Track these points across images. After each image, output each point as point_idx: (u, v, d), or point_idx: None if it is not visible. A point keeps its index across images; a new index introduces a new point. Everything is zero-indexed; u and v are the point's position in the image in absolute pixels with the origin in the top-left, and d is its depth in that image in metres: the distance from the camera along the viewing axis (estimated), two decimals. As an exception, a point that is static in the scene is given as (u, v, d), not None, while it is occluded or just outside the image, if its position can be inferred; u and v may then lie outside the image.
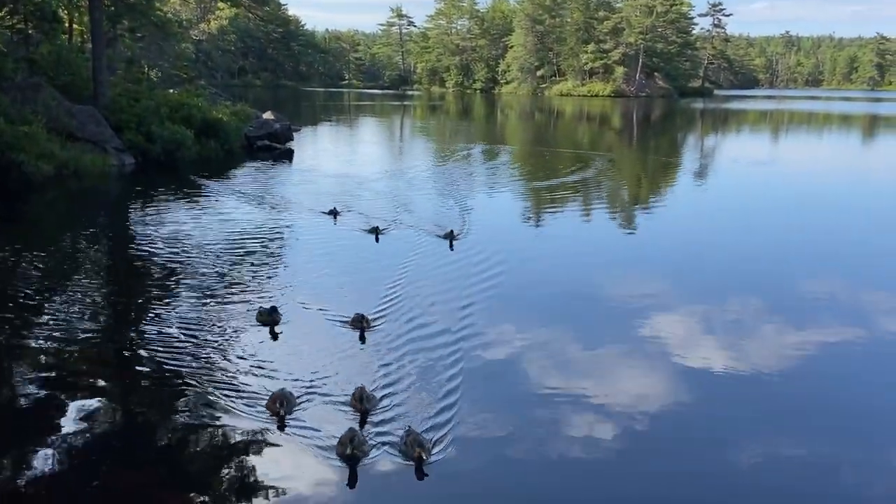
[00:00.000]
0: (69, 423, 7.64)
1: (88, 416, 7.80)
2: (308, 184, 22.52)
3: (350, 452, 6.77)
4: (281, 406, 7.57)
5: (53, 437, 7.34)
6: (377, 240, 14.90)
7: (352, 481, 6.55)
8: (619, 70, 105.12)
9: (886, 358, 10.04)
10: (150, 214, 17.90)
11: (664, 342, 10.19)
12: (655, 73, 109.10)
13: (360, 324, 9.78)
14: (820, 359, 9.93)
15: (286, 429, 7.48)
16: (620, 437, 7.62)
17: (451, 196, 20.56)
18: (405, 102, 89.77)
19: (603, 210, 20.60)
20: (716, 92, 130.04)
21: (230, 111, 32.52)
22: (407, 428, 7.26)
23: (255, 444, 7.34)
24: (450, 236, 14.84)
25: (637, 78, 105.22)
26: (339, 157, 32.08)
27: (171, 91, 32.74)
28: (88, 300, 11.40)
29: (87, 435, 7.47)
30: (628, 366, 9.49)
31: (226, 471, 6.93)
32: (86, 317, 10.68)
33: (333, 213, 17.20)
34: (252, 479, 6.83)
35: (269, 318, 10.19)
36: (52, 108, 23.31)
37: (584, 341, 10.23)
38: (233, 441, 7.38)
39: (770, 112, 79.95)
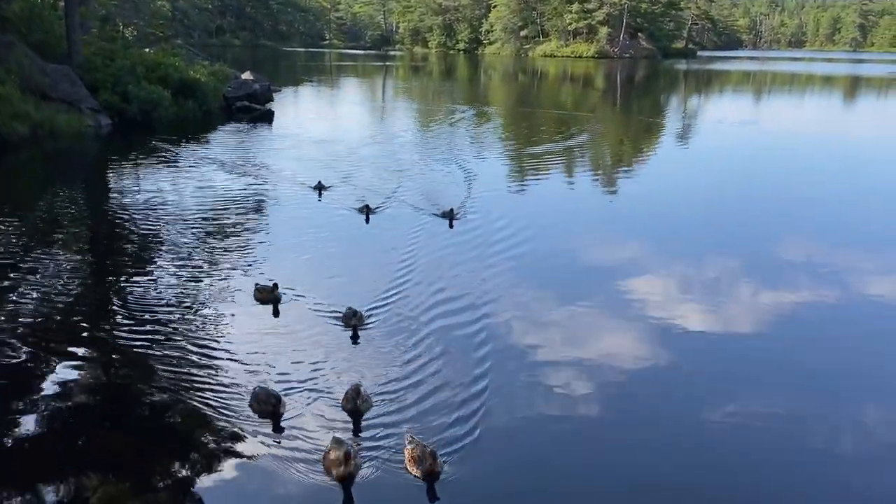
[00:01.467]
0: (49, 387, 7.61)
1: (68, 379, 7.77)
2: (290, 149, 21.93)
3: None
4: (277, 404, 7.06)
5: (33, 401, 7.32)
6: (367, 220, 13.94)
7: None
8: (603, 31, 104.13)
9: (861, 317, 10.22)
10: (128, 177, 17.67)
11: (646, 303, 10.32)
12: (639, 34, 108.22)
13: (352, 321, 8.88)
14: (797, 318, 10.08)
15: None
16: (597, 397, 7.73)
17: (441, 164, 19.79)
18: (387, 63, 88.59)
19: (588, 173, 20.57)
20: (699, 53, 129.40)
21: (208, 71, 31.89)
22: (411, 437, 6.47)
23: (237, 406, 7.38)
24: (449, 215, 13.96)
25: (621, 39, 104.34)
26: (321, 120, 31.67)
27: (147, 50, 32.02)
28: (66, 263, 11.27)
29: (67, 398, 7.44)
30: (609, 327, 9.59)
31: (206, 433, 6.95)
32: (63, 280, 10.57)
33: (319, 187, 16.10)
34: (231, 439, 6.87)
35: (272, 295, 9.67)
36: (25, 67, 22.73)
37: (571, 303, 10.31)
38: (213, 402, 7.40)
39: (753, 73, 79.81)
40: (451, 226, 13.67)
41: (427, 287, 10.31)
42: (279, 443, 6.74)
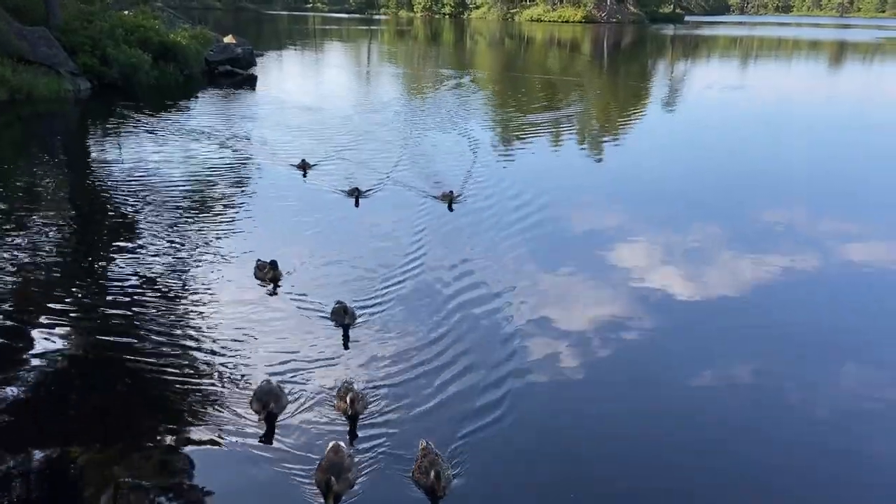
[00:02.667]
0: (31, 355, 7.58)
1: (50, 348, 7.74)
2: (273, 117, 21.40)
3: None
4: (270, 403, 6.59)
5: (16, 369, 7.28)
6: (357, 204, 12.83)
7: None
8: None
9: (842, 283, 10.35)
10: (108, 144, 17.40)
11: (638, 271, 10.43)
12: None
13: (344, 318, 8.24)
14: (779, 284, 10.18)
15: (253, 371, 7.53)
16: (580, 364, 7.84)
17: (433, 136, 19.08)
18: (372, 27, 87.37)
19: (578, 141, 20.49)
20: (687, 18, 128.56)
21: (189, 34, 31.27)
22: (426, 443, 5.99)
23: (223, 368, 7.41)
24: (448, 198, 13.03)
25: (608, 3, 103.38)
26: (305, 86, 31.25)
27: (126, 12, 31.31)
28: (46, 231, 11.14)
29: (51, 366, 7.42)
30: (592, 294, 9.67)
31: (191, 399, 6.97)
32: (44, 248, 10.46)
33: (303, 166, 14.96)
34: (216, 405, 6.90)
35: (273, 273, 9.44)
36: (1, 29, 22.19)
37: (569, 274, 10.36)
38: (197, 369, 7.42)
39: (740, 38, 79.43)
40: (450, 208, 12.81)
41: (423, 280, 9.60)
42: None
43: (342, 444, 5.96)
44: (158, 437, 6.39)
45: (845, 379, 7.80)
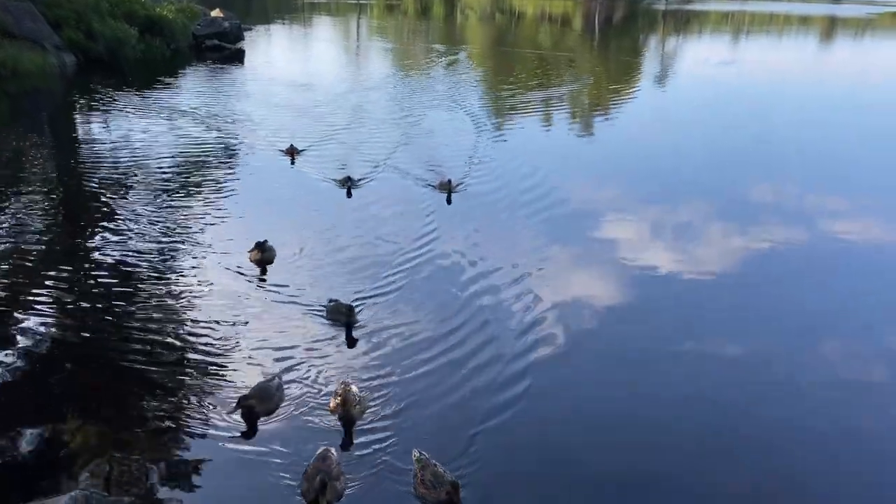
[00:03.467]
0: (19, 334, 7.55)
1: (38, 327, 7.72)
2: (262, 94, 20.90)
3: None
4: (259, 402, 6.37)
5: (4, 347, 7.25)
6: (349, 194, 12.22)
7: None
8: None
9: (832, 261, 10.45)
10: (95, 120, 17.18)
11: (621, 247, 10.45)
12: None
13: (344, 316, 7.84)
14: (767, 260, 10.29)
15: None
16: (569, 336, 7.91)
17: (426, 116, 18.56)
18: (361, 1, 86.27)
19: (571, 118, 20.41)
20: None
21: (176, 8, 30.76)
22: (419, 454, 5.74)
23: (212, 346, 7.42)
24: (447, 187, 12.29)
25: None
26: (294, 61, 30.88)
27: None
28: (33, 209, 11.05)
29: (41, 339, 7.42)
30: (585, 272, 9.71)
31: (180, 377, 6.99)
32: (32, 226, 10.38)
33: (291, 151, 14.16)
34: (204, 382, 6.93)
35: (271, 253, 9.39)
36: (-18, 2, 21.79)
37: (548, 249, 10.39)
38: (188, 342, 7.43)
39: (732, 13, 79.04)
40: (448, 201, 12.05)
41: (421, 276, 9.19)
42: (254, 374, 6.82)
43: (332, 450, 5.69)
44: (147, 415, 6.41)
45: (834, 355, 7.90)
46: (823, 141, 17.91)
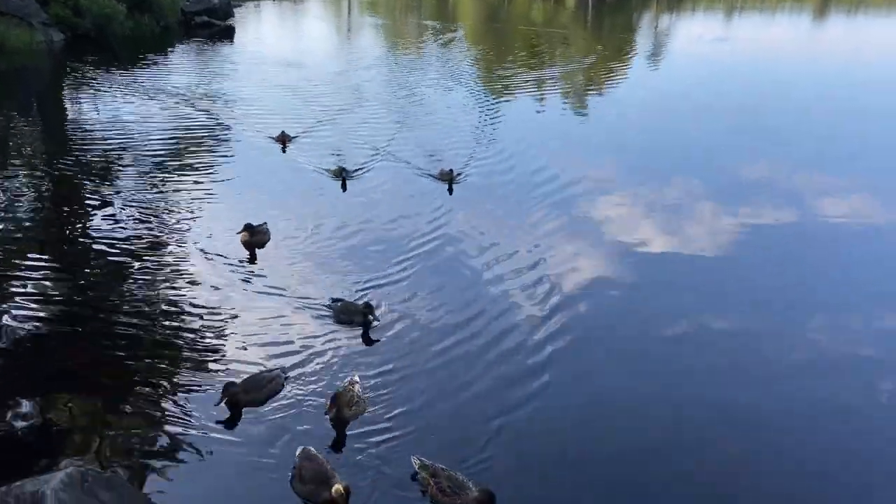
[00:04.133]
0: (11, 303, 7.57)
1: (30, 301, 7.73)
2: (251, 74, 20.50)
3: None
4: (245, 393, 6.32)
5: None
6: (344, 187, 11.51)
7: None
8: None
9: (815, 237, 10.53)
10: (83, 98, 17.02)
11: (608, 224, 10.50)
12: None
13: (363, 315, 7.50)
14: (755, 238, 10.34)
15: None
16: (583, 324, 7.97)
17: (421, 97, 18.10)
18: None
19: (567, 96, 20.33)
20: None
21: (164, -17, 30.41)
22: (421, 461, 5.54)
23: (198, 322, 7.46)
24: (448, 177, 11.69)
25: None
26: (285, 38, 30.62)
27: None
28: (23, 185, 11.00)
29: (31, 315, 7.44)
30: (569, 245, 9.79)
31: (169, 349, 7.06)
32: (22, 202, 10.34)
33: (282, 138, 13.36)
34: (199, 358, 6.98)
35: (263, 237, 9.32)
36: (-33, -22, 21.48)
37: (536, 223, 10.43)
38: (178, 322, 7.48)
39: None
40: (450, 191, 11.48)
41: (418, 274, 8.80)
42: (243, 358, 6.92)
43: (311, 448, 5.58)
44: (139, 394, 6.46)
45: (820, 330, 8.00)
46: (817, 118, 17.92)
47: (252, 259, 9.07)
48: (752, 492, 5.65)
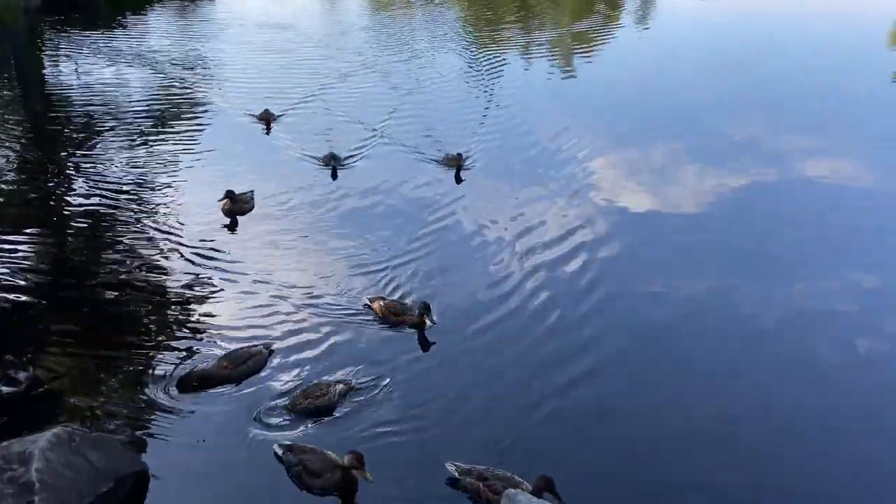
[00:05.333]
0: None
1: (16, 266, 7.73)
2: (235, 38, 19.41)
3: None
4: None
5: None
6: (334, 175, 10.42)
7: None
8: None
9: (798, 197, 10.71)
10: (61, 59, 16.70)
11: (600, 184, 10.61)
12: None
13: (421, 316, 7.13)
14: (741, 198, 10.50)
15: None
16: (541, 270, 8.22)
17: (417, 67, 16.86)
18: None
19: (548, 54, 20.06)
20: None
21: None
22: (458, 466, 5.41)
23: (182, 289, 7.53)
24: (456, 162, 10.55)
25: None
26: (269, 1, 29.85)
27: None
28: (7, 145, 10.89)
29: (12, 282, 7.47)
30: (557, 207, 9.89)
31: (156, 314, 7.11)
32: (5, 163, 10.26)
33: (266, 117, 12.12)
34: (178, 318, 7.04)
35: (245, 205, 9.18)
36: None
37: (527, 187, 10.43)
38: (156, 285, 7.64)
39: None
40: (458, 179, 10.47)
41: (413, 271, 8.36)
42: (230, 318, 7.09)
43: (289, 442, 5.64)
44: (125, 356, 6.55)
45: (799, 290, 8.23)
46: (800, 79, 17.81)
47: (232, 228, 8.95)
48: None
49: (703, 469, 5.72)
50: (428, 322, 7.06)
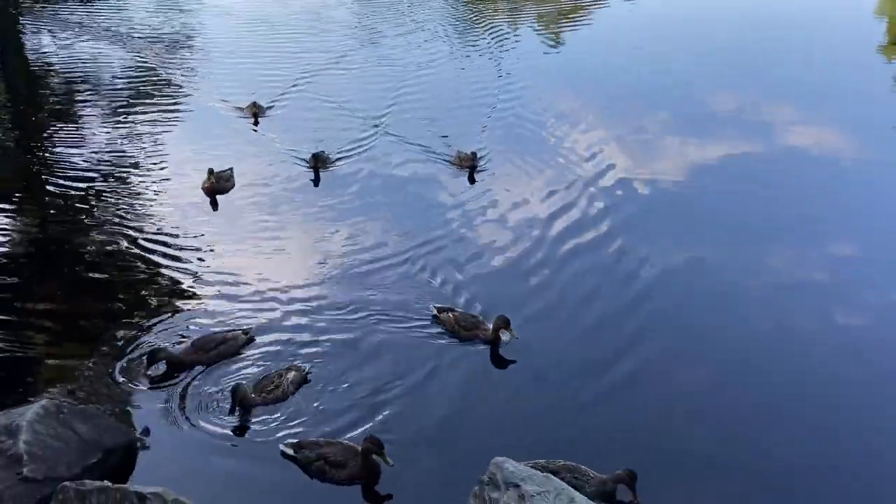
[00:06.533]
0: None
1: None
2: (220, 18, 17.89)
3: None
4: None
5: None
6: (317, 179, 9.45)
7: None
8: None
9: (785, 169, 10.75)
10: (42, 33, 16.35)
11: (580, 154, 10.68)
12: None
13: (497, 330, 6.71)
14: (725, 166, 10.66)
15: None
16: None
17: (419, 48, 15.60)
18: None
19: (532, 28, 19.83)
20: None
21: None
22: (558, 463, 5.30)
23: (164, 263, 7.58)
24: (470, 162, 9.71)
25: None
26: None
27: None
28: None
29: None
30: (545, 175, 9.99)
31: (136, 282, 7.29)
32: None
33: (253, 108, 11.08)
34: (162, 287, 7.13)
35: (225, 183, 9.09)
36: None
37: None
38: (136, 263, 7.62)
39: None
40: (471, 179, 9.67)
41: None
42: (214, 287, 7.21)
43: (294, 440, 5.59)
44: (110, 328, 6.57)
45: (780, 258, 8.40)
46: (785, 47, 17.67)
47: (213, 206, 8.91)
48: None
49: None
50: (505, 338, 6.62)
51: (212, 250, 7.91)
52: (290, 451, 5.43)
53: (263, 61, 14.01)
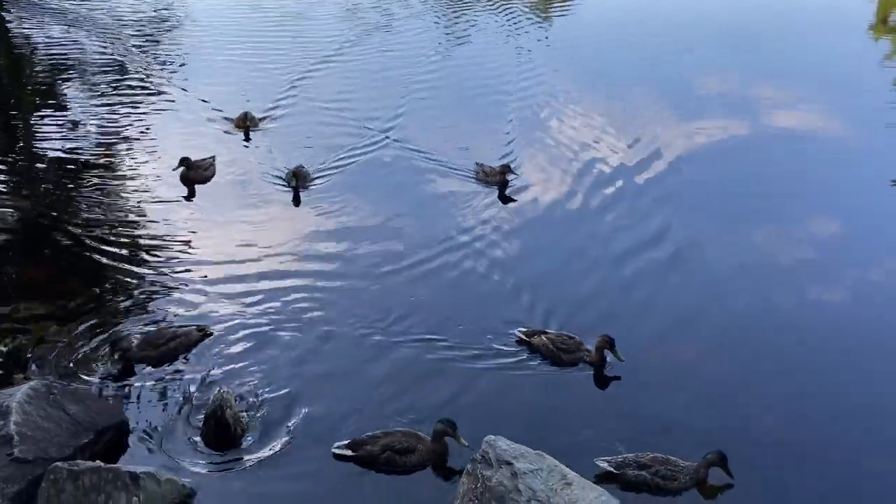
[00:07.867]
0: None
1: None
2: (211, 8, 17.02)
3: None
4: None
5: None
6: (297, 200, 8.44)
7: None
8: None
9: (773, 147, 10.86)
10: (26, 20, 16.08)
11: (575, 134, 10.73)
12: None
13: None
14: (714, 142, 10.77)
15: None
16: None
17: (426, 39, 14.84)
18: None
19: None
20: None
21: None
22: (632, 457, 5.28)
23: (149, 246, 7.60)
24: (502, 176, 8.63)
25: None
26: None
27: None
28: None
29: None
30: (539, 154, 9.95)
31: (121, 263, 7.30)
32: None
33: (244, 122, 9.90)
34: (145, 273, 7.20)
35: (204, 172, 8.99)
36: None
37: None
38: (123, 244, 7.65)
39: None
40: (503, 198, 8.56)
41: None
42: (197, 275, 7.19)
43: (343, 441, 5.39)
44: (98, 309, 6.61)
45: (767, 236, 8.54)
46: (773, 26, 17.51)
47: (190, 196, 8.71)
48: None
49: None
50: (610, 359, 6.30)
51: (188, 241, 7.82)
52: (349, 452, 5.24)
53: (255, 62, 13.09)
